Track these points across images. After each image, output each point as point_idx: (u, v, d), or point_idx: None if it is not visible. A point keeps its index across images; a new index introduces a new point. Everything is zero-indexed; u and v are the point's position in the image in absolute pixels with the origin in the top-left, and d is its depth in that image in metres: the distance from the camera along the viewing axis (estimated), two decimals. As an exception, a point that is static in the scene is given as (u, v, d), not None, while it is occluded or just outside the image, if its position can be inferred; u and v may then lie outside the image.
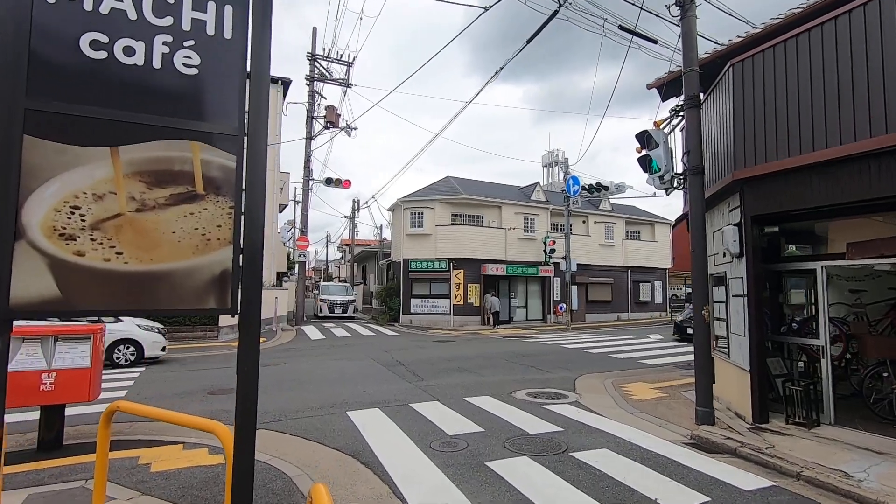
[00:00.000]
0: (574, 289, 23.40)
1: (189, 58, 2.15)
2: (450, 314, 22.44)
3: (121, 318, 11.20)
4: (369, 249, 37.69)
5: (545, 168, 47.64)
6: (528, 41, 9.20)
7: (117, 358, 10.71)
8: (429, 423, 6.20)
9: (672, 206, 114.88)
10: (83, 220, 1.95)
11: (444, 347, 14.60)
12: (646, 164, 7.41)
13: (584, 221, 26.97)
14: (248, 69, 2.22)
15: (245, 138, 2.20)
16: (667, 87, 7.96)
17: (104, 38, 2.02)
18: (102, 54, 2.01)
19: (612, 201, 28.92)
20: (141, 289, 2.03)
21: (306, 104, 22.05)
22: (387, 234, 32.33)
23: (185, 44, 2.15)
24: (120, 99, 2.02)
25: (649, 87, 8.37)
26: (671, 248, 30.52)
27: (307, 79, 21.95)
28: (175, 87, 2.12)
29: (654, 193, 21.81)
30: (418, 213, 23.18)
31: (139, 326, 11.19)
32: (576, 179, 20.98)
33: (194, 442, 5.29)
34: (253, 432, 2.15)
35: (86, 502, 3.79)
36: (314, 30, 22.03)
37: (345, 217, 39.69)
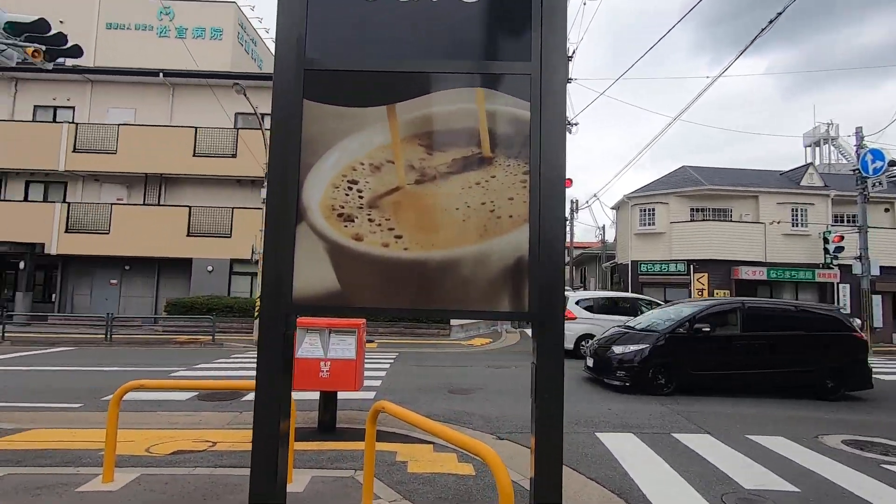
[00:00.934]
0: (876, 299, 17.59)
1: (471, -19, 1.65)
2: (690, 324, 19.35)
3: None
4: (588, 252, 36.00)
5: (808, 148, 38.37)
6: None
7: None
8: (706, 464, 4.89)
9: None
10: (360, 197, 1.61)
11: (692, 364, 12.37)
12: None
13: (886, 210, 20.20)
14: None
15: (541, 77, 1.59)
16: None
17: (379, -25, 1.66)
18: (377, -6, 1.66)
19: (936, 180, 20.99)
20: (421, 282, 1.59)
21: (526, 106, 22.04)
22: (609, 234, 30.29)
23: (466, -37, 1.66)
24: (396, 45, 1.64)
25: None
26: None
27: (526, 81, 21.93)
28: (456, 21, 1.65)
29: None
30: (649, 210, 20.74)
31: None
32: (878, 154, 15.73)
33: (442, 444, 5.18)
34: (559, 494, 1.51)
35: (355, 493, 3.85)
36: (532, 31, 21.91)
37: (561, 219, 38.92)
